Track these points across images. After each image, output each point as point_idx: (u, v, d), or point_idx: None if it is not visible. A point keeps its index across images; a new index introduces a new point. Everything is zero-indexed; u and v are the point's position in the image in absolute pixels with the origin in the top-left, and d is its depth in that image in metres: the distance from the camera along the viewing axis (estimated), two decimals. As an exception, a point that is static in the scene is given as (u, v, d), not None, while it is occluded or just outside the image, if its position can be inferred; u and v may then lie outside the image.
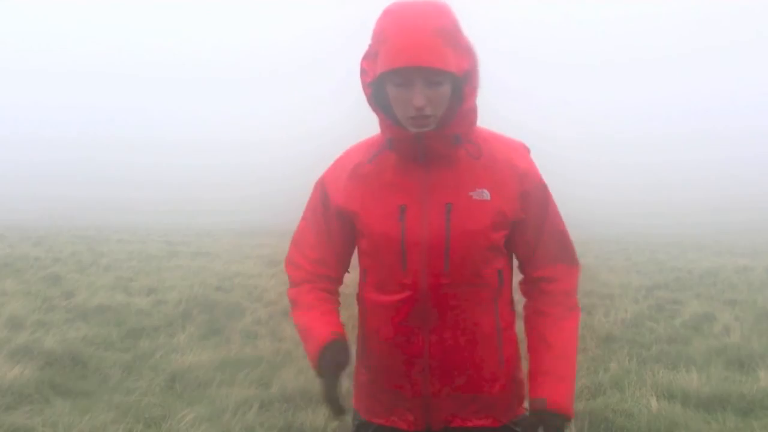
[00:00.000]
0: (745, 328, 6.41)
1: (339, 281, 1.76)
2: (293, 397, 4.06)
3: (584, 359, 5.30)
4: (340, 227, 1.67)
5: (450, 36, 1.41)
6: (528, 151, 1.64)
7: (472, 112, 1.52)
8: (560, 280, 1.64)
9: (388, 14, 1.44)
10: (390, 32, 1.41)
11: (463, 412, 1.60)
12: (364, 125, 1.69)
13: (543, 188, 1.60)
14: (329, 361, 1.59)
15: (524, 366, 1.68)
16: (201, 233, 26.36)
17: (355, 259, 1.75)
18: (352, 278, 1.78)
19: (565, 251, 1.65)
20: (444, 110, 1.48)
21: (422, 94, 1.42)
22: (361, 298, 1.67)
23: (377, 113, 1.54)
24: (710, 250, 20.33)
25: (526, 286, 1.68)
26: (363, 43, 1.51)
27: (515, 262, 1.68)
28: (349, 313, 1.89)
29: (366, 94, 1.51)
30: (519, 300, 1.68)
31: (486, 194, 1.53)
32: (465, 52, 1.45)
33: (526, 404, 1.69)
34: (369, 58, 1.48)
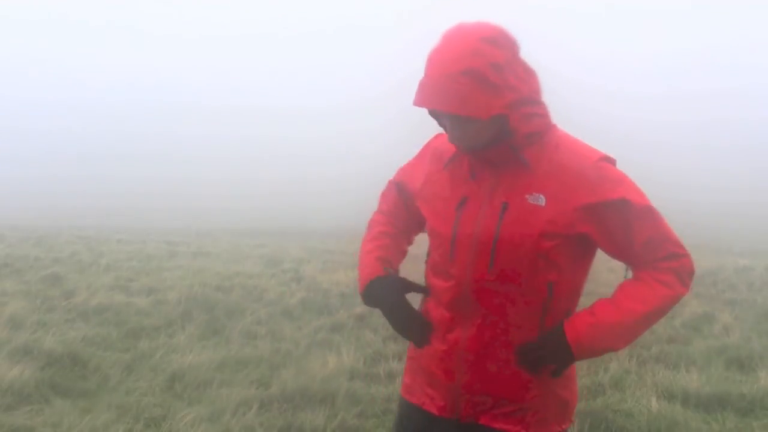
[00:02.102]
0: (745, 328, 6.41)
1: (409, 233, 1.87)
2: (293, 397, 4.06)
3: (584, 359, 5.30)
4: (413, 203, 1.75)
5: (481, 77, 1.39)
6: (606, 160, 1.55)
7: (533, 135, 1.51)
8: (664, 263, 1.55)
9: (439, 40, 1.48)
10: (426, 65, 1.46)
11: (492, 412, 1.59)
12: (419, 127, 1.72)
13: (617, 197, 1.50)
14: (381, 299, 1.68)
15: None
16: (201, 233, 26.36)
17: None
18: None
19: (666, 249, 1.54)
20: (485, 139, 1.50)
21: (452, 130, 1.50)
22: (425, 276, 1.73)
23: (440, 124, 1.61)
24: (710, 250, 20.33)
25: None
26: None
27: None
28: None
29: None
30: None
31: (542, 200, 1.51)
32: (505, 89, 1.42)
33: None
34: None
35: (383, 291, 1.67)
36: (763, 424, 3.79)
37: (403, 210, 1.81)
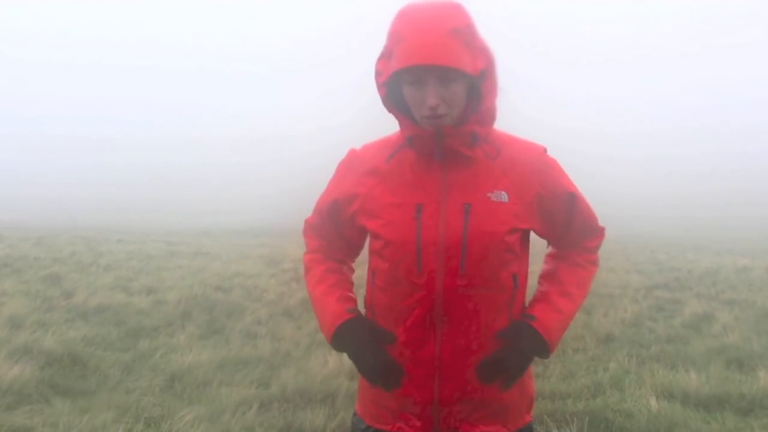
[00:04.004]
0: (744, 328, 6.41)
1: (349, 262, 1.80)
2: (293, 397, 4.06)
3: (584, 359, 5.30)
4: (351, 227, 1.67)
5: (464, 36, 1.42)
6: (545, 150, 1.63)
7: (491, 112, 1.52)
8: (586, 243, 1.71)
9: (402, 16, 1.44)
10: (405, 33, 1.42)
11: (471, 418, 1.57)
12: (377, 124, 1.69)
13: (564, 189, 1.60)
14: (351, 342, 1.61)
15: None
16: (201, 233, 26.36)
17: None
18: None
19: (591, 228, 1.71)
20: (459, 110, 1.48)
21: (435, 92, 1.43)
22: (369, 301, 1.65)
23: (393, 113, 1.53)
24: (710, 250, 20.33)
25: (559, 251, 1.74)
26: (378, 42, 1.52)
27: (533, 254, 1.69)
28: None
29: (381, 95, 1.52)
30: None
31: (504, 196, 1.53)
32: (480, 52, 1.45)
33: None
34: (383, 59, 1.49)
35: (353, 335, 1.59)
36: (763, 423, 3.79)
37: (336, 239, 1.73)
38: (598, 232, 1.73)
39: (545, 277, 1.69)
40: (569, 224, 1.64)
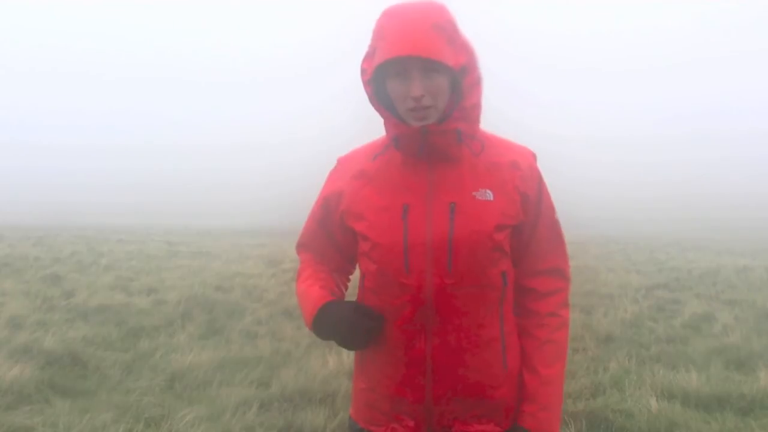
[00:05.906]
0: (744, 328, 6.42)
1: (344, 273, 1.78)
2: (293, 397, 4.07)
3: (584, 359, 5.30)
4: (342, 231, 1.67)
5: (447, 32, 1.44)
6: (534, 156, 1.62)
7: (475, 109, 1.52)
8: (548, 298, 1.62)
9: (386, 14, 1.47)
10: (388, 28, 1.43)
11: (464, 417, 1.57)
12: (366, 131, 1.70)
13: (540, 187, 1.60)
14: (333, 316, 1.55)
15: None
16: (201, 233, 26.36)
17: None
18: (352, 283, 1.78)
19: (557, 259, 1.63)
20: (443, 103, 1.48)
21: (420, 83, 1.44)
22: (360, 303, 1.64)
23: (380, 111, 1.54)
24: (710, 250, 20.34)
25: (516, 297, 1.64)
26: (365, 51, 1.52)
27: None
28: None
29: (367, 92, 1.52)
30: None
31: (489, 194, 1.52)
32: (462, 48, 1.47)
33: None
34: (368, 57, 1.49)
35: (339, 309, 1.55)
36: (763, 424, 3.79)
37: (329, 250, 1.73)
38: (562, 279, 1.64)
39: (523, 362, 1.64)
40: (534, 230, 1.60)
